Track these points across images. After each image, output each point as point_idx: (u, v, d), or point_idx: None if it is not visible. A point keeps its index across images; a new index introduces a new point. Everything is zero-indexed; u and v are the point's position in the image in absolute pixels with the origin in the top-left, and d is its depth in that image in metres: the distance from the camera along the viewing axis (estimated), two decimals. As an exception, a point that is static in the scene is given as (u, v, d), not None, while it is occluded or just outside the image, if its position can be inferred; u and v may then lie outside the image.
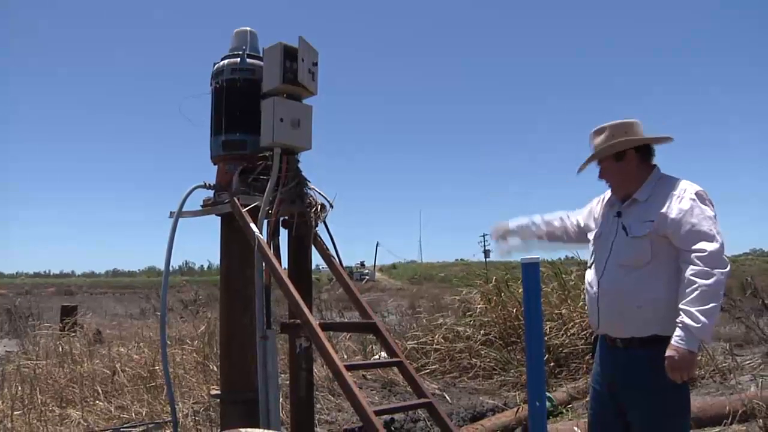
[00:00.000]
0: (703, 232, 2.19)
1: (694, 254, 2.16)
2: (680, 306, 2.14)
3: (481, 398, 5.59)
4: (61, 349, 6.43)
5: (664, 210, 2.27)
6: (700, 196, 2.27)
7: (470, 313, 7.83)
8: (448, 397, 5.54)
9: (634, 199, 2.40)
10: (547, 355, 6.35)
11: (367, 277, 60.33)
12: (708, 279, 2.12)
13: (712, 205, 2.28)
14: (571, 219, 2.81)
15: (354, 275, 57.37)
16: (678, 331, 2.13)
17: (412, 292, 28.79)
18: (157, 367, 5.26)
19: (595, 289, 2.45)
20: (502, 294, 7.64)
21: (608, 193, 2.61)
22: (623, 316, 2.34)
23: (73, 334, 7.78)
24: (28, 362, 5.98)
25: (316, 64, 2.99)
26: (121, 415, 4.73)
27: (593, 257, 2.53)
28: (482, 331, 7.19)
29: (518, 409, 4.73)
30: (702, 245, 2.17)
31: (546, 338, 6.53)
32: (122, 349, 6.34)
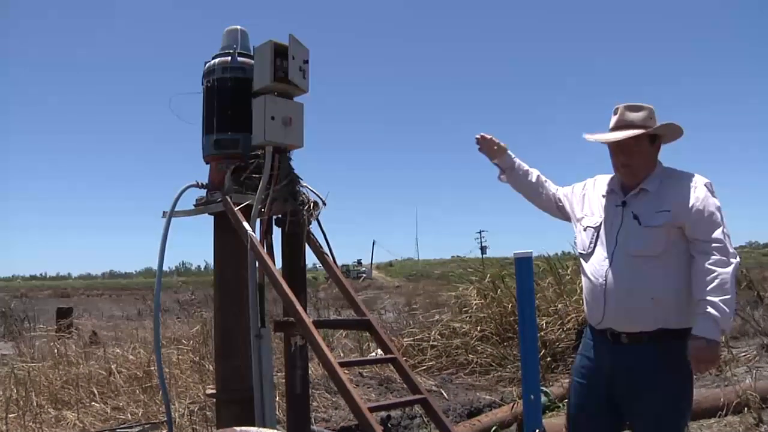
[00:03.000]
0: (717, 222, 2.20)
1: (712, 244, 2.17)
2: (703, 297, 2.11)
3: (477, 394, 5.60)
4: (56, 351, 6.41)
5: (680, 200, 2.24)
6: (709, 188, 2.27)
7: (466, 309, 7.84)
8: (444, 394, 5.55)
9: (643, 189, 2.33)
10: (543, 350, 6.36)
11: (364, 275, 60.28)
12: (726, 268, 2.12)
13: (717, 197, 2.28)
14: (549, 185, 2.77)
15: (351, 273, 57.36)
16: (703, 323, 2.11)
17: (408, 289, 28.78)
18: (152, 368, 5.25)
19: (601, 281, 2.32)
20: (498, 290, 7.65)
21: (598, 182, 2.56)
22: (636, 310, 2.25)
23: (69, 336, 7.76)
24: (23, 365, 5.96)
25: (306, 62, 2.98)
26: (117, 416, 4.73)
27: (592, 247, 2.41)
28: (479, 327, 7.19)
29: (514, 404, 4.74)
30: (718, 234, 2.18)
31: (542, 333, 6.53)
32: (118, 350, 6.33)
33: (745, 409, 4.31)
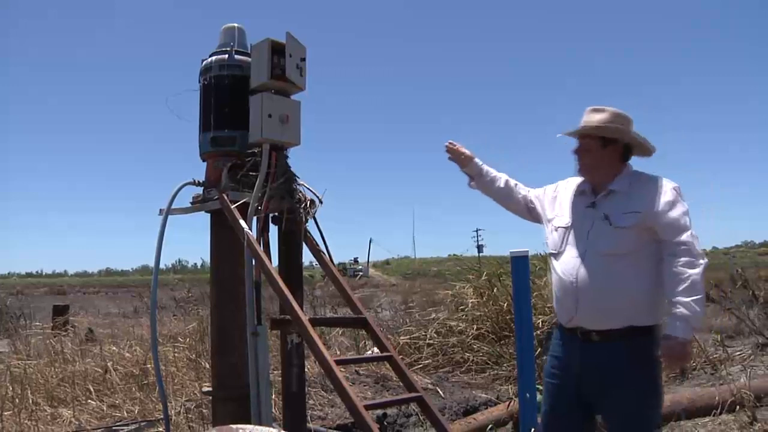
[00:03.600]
0: (685, 225, 2.26)
1: (680, 246, 2.22)
2: (673, 297, 2.17)
3: (473, 392, 5.61)
4: (52, 349, 6.40)
5: (649, 203, 2.30)
6: (678, 192, 2.34)
7: (463, 307, 7.84)
8: (441, 392, 5.55)
9: (612, 190, 2.39)
10: (539, 349, 6.36)
11: (360, 273, 60.28)
12: (695, 269, 2.18)
13: (684, 201, 2.36)
14: (519, 188, 2.79)
15: (348, 271, 57.33)
16: (674, 322, 2.16)
17: (405, 287, 28.79)
18: (149, 365, 5.25)
19: (572, 279, 2.36)
20: (495, 288, 7.65)
21: (570, 184, 2.60)
22: (608, 309, 2.29)
23: (65, 333, 7.75)
24: (19, 362, 5.95)
25: (304, 60, 2.98)
26: (113, 414, 4.72)
27: (564, 246, 2.46)
28: (475, 326, 7.19)
29: (510, 402, 4.74)
30: (687, 237, 2.24)
31: (538, 332, 6.53)
32: (114, 348, 6.32)
33: (740, 407, 4.33)
